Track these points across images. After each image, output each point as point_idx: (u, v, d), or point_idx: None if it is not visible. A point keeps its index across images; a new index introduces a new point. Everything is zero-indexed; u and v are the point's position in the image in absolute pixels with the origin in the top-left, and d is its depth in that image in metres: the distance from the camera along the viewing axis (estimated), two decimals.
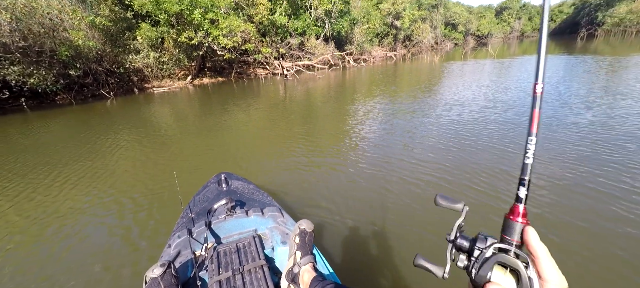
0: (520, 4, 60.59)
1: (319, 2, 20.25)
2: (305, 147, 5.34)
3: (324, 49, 21.12)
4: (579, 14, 51.00)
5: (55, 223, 3.32)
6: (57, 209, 3.64)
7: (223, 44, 14.55)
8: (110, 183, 4.29)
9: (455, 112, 6.93)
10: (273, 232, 1.73)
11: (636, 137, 4.56)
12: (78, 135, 7.14)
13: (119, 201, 3.73)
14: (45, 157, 5.57)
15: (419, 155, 4.61)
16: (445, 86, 10.76)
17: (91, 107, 11.24)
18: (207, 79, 17.76)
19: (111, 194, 3.96)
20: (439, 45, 40.11)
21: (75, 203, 3.75)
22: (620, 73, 10.22)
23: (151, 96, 13.38)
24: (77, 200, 3.85)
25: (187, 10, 13.01)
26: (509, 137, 5.05)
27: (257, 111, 8.86)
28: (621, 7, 38.39)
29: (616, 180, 3.42)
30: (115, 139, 6.58)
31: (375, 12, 29.98)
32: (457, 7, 47.63)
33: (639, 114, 5.61)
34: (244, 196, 2.26)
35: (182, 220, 2.02)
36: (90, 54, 12.46)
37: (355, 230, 2.90)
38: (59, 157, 5.52)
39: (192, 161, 5.02)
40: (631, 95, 7.01)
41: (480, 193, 3.37)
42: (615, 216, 2.82)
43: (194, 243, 1.60)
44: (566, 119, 5.72)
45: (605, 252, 2.43)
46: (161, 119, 8.67)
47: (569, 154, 4.18)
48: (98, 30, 12.94)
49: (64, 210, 3.62)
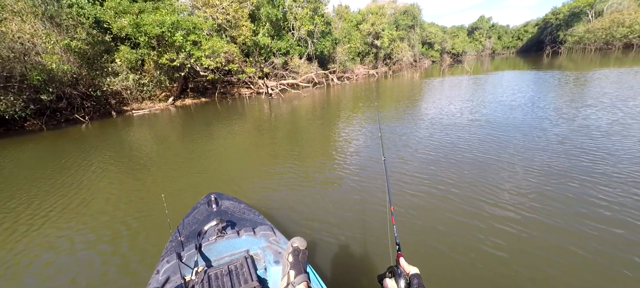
0: (490, 24, 64.99)
1: (301, 24, 20.76)
2: (294, 165, 5.28)
3: (307, 68, 21.45)
4: (542, 33, 55.10)
5: (24, 260, 3.01)
6: (28, 244, 3.30)
7: (206, 65, 14.45)
8: (89, 213, 4.00)
9: (440, 126, 7.09)
10: (265, 252, 1.70)
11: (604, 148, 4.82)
12: (51, 162, 6.67)
13: (100, 231, 3.51)
14: (11, 189, 5.12)
15: (411, 170, 4.64)
16: (428, 101, 11.10)
17: (65, 132, 10.66)
18: (190, 100, 17.44)
19: (90, 224, 3.70)
20: (418, 63, 41.84)
21: (47, 239, 3.42)
22: (586, 85, 11.12)
23: (130, 118, 12.92)
24: (49, 235, 3.51)
25: (168, 32, 12.89)
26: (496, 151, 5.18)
27: (243, 131, 8.70)
28: (579, 27, 41.95)
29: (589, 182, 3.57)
30: (93, 164, 6.23)
31: (356, 33, 31.10)
32: (432, 27, 50.37)
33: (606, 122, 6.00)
34: (235, 216, 2.22)
35: (171, 244, 1.95)
36: (64, 78, 11.95)
37: (348, 246, 2.86)
38: (29, 188, 5.09)
39: (179, 183, 4.85)
40: (595, 105, 7.55)
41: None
42: (598, 216, 2.93)
43: (183, 267, 1.55)
44: (541, 126, 6.10)
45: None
46: (142, 142, 8.35)
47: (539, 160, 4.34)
48: (74, 53, 12.52)
49: (36, 244, 3.29)
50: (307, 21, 20.65)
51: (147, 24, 12.42)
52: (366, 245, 2.86)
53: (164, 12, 13.02)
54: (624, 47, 35.91)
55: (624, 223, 2.91)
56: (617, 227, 2.86)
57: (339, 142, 6.56)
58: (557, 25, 49.38)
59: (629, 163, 4.14)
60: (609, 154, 4.53)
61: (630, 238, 2.71)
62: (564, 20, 47.40)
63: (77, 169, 5.96)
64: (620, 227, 2.85)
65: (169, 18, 12.62)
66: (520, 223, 3.04)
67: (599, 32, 37.98)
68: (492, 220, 3.14)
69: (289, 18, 21.21)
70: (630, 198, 3.31)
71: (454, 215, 3.29)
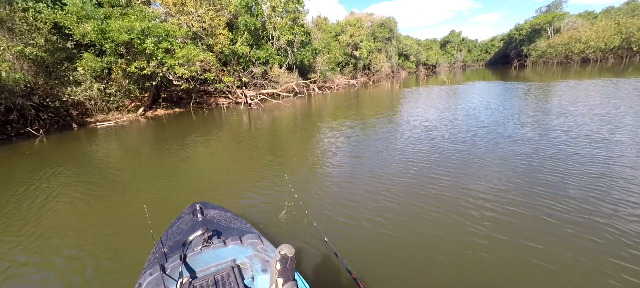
0: (460, 38, 68.68)
1: (280, 33, 20.51)
2: (276, 172, 5.09)
3: (288, 77, 21.13)
4: (508, 47, 58.96)
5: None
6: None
7: (180, 74, 13.67)
8: (59, 232, 3.61)
9: (418, 134, 7.10)
10: (253, 260, 1.68)
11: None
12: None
13: (71, 251, 3.21)
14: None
15: (392, 178, 4.58)
16: (409, 109, 11.11)
17: (14, 148, 9.47)
18: (162, 110, 16.44)
19: (57, 245, 3.36)
20: (395, 73, 42.98)
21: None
22: (550, 94, 11.73)
23: (94, 131, 11.83)
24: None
25: (138, 39, 12.07)
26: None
27: (218, 142, 8.15)
28: (541, 42, 45.33)
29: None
30: (47, 183, 5.59)
31: (335, 43, 31.40)
32: (407, 39, 52.29)
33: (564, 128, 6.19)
34: (221, 225, 2.17)
35: (154, 256, 1.86)
36: (16, 88, 10.76)
37: (335, 253, 2.76)
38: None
39: (157, 194, 4.58)
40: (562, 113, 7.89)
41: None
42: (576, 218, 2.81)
43: (167, 279, 1.51)
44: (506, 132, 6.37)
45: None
46: (109, 155, 7.72)
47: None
48: (29, 61, 11.34)
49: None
50: (286, 31, 20.44)
51: (114, 30, 11.56)
52: (356, 256, 2.80)
53: (133, 18, 12.21)
54: (581, 62, 39.12)
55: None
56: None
57: (324, 152, 6.23)
58: (520, 40, 53.05)
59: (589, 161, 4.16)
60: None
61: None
62: (526, 36, 51.05)
63: (28, 189, 5.15)
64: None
65: (139, 24, 11.83)
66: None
67: (559, 47, 41.21)
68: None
69: (268, 27, 20.90)
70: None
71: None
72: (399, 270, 2.58)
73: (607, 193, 3.64)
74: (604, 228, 2.94)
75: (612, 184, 3.85)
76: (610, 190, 3.69)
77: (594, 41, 37.22)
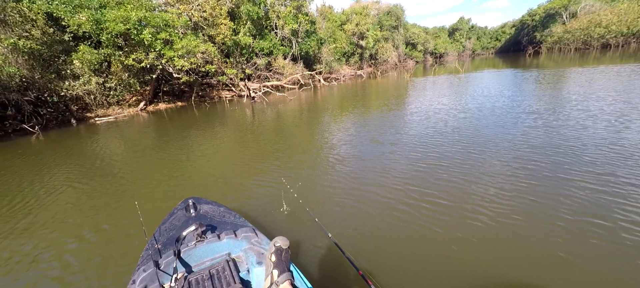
0: (469, 25, 66.40)
1: (284, 22, 19.72)
2: (278, 169, 4.80)
3: (292, 68, 20.40)
4: (520, 34, 56.73)
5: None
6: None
7: (179, 66, 13.10)
8: (51, 226, 3.56)
9: (427, 127, 6.52)
10: (248, 254, 1.70)
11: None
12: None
13: (65, 246, 3.12)
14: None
15: (398, 174, 4.29)
16: (428, 102, 10.36)
17: (10, 145, 9.11)
18: (164, 105, 15.98)
19: (52, 239, 3.30)
20: (402, 63, 41.76)
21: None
22: (568, 82, 10.82)
23: (94, 126, 11.43)
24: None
25: (134, 30, 11.49)
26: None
27: (220, 138, 7.62)
28: (557, 27, 43.18)
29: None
30: (47, 181, 5.32)
31: (341, 33, 30.40)
32: (415, 28, 50.68)
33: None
34: (215, 220, 2.17)
35: (147, 252, 1.85)
36: (11, 82, 10.34)
37: (332, 245, 2.72)
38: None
39: (153, 191, 4.47)
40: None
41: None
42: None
43: (162, 275, 1.50)
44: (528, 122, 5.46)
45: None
46: (111, 151, 7.41)
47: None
48: (24, 54, 10.89)
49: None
50: (290, 20, 19.62)
51: (109, 20, 10.99)
52: (353, 248, 2.71)
53: (130, 7, 11.61)
54: (601, 47, 37.20)
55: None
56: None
57: (331, 152, 5.62)
58: (533, 26, 50.91)
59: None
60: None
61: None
62: (540, 21, 48.90)
63: (25, 189, 4.84)
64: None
65: (135, 14, 11.24)
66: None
67: (577, 33, 39.18)
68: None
69: (272, 16, 20.10)
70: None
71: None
72: (406, 266, 2.45)
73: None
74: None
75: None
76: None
77: (615, 25, 35.26)
